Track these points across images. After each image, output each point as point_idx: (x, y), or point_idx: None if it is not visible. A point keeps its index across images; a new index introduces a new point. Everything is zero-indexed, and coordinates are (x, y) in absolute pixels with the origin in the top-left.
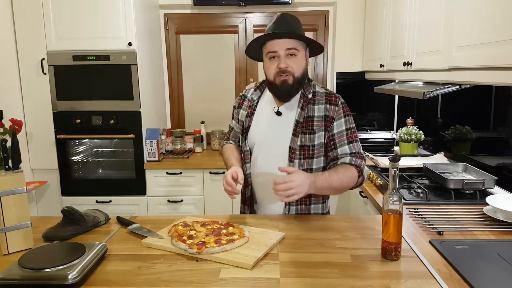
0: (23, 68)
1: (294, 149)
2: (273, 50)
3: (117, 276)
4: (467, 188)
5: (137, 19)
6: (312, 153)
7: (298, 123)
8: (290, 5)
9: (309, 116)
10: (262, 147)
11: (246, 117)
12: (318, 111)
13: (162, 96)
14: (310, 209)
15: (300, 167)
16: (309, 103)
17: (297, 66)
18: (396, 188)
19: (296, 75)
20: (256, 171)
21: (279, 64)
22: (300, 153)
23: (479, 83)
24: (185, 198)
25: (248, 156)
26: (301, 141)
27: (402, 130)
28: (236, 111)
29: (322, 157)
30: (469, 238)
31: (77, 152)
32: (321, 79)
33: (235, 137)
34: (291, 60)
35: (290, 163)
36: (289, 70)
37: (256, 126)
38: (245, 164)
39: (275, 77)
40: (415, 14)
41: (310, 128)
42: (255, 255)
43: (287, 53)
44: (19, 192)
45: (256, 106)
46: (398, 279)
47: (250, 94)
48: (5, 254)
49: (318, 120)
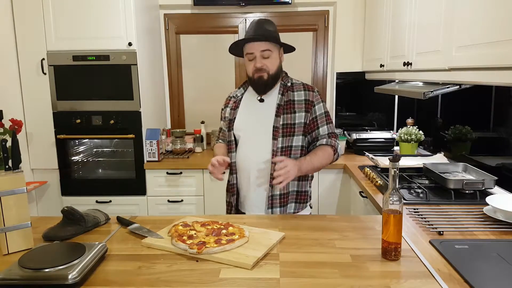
0: (23, 68)
1: (278, 128)
2: (250, 52)
3: (117, 276)
4: (467, 188)
5: (137, 19)
6: (293, 131)
7: (279, 106)
8: (290, 5)
9: (289, 100)
10: (247, 131)
11: (232, 110)
12: (298, 96)
13: (162, 96)
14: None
15: (283, 144)
16: (289, 90)
17: (272, 64)
18: (396, 188)
19: (270, 72)
20: (241, 158)
21: (256, 64)
22: (283, 131)
23: (479, 83)
24: (185, 198)
25: (233, 146)
26: (283, 120)
27: (402, 130)
28: (224, 111)
29: (301, 136)
30: (469, 238)
31: (77, 152)
32: (321, 79)
33: (224, 136)
34: (266, 60)
35: (274, 140)
36: (264, 68)
37: (240, 115)
38: (230, 153)
39: (253, 74)
40: (415, 14)
41: (291, 109)
42: (255, 255)
43: (262, 54)
44: (19, 192)
45: (240, 100)
46: (398, 279)
47: (234, 93)
48: (5, 254)
49: (299, 103)
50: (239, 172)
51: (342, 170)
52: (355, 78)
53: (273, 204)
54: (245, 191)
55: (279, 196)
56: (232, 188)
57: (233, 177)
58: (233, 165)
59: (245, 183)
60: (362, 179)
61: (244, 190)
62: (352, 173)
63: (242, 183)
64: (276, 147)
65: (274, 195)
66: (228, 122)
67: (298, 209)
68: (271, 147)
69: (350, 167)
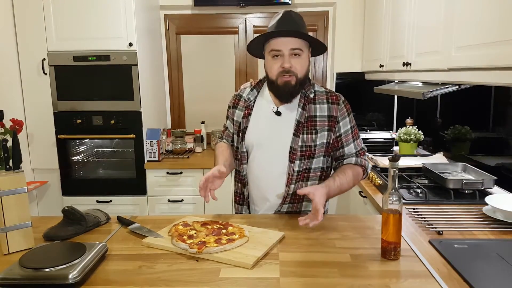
0: (24, 68)
1: (295, 150)
2: (277, 48)
3: (118, 275)
4: (467, 188)
5: (138, 20)
6: (313, 154)
7: (299, 123)
8: (290, 5)
9: (310, 115)
10: (261, 148)
11: (243, 118)
12: (320, 110)
13: (163, 96)
14: (302, 206)
15: (300, 167)
16: (310, 103)
17: (301, 67)
18: (396, 188)
19: (299, 76)
20: (254, 172)
21: (283, 64)
22: (301, 154)
23: (479, 83)
24: (185, 198)
25: (245, 157)
26: (302, 142)
27: (402, 130)
28: (231, 110)
29: (322, 157)
30: (468, 238)
31: (78, 152)
32: (321, 79)
33: (228, 137)
34: (295, 60)
35: (290, 163)
36: (292, 71)
37: (254, 127)
38: (242, 165)
39: (277, 76)
40: (415, 14)
41: (312, 128)
42: (255, 255)
43: (291, 53)
44: (20, 192)
45: (253, 106)
46: (398, 279)
47: (246, 94)
48: (6, 253)
49: (321, 120)
50: (251, 187)
51: None
52: (354, 78)
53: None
54: (256, 204)
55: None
56: (241, 201)
57: (245, 190)
58: (243, 178)
59: (256, 196)
60: None
61: (255, 203)
62: None
63: (253, 197)
64: (292, 171)
65: (288, 212)
66: (238, 130)
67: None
68: (287, 171)
69: None
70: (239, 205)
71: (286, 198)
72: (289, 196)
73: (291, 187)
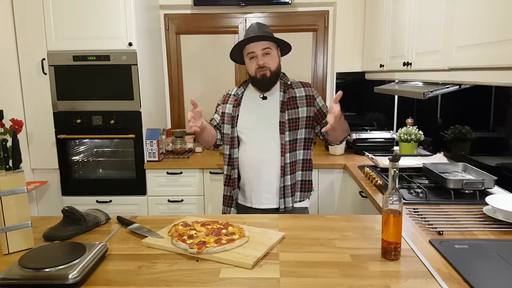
0: (23, 68)
1: (284, 123)
2: (251, 51)
3: (118, 275)
4: (467, 188)
5: (138, 19)
6: (298, 125)
7: (283, 103)
8: (290, 5)
9: (291, 96)
10: (253, 128)
11: (234, 107)
12: (299, 92)
13: (162, 96)
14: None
15: (290, 137)
16: (289, 88)
17: (272, 62)
18: (396, 188)
19: (272, 69)
20: (248, 154)
21: (258, 62)
22: (289, 125)
23: (479, 83)
24: (185, 198)
25: (236, 142)
26: (288, 116)
27: (402, 130)
28: (221, 106)
29: (304, 129)
30: (468, 238)
31: (78, 152)
32: (321, 79)
33: (212, 125)
34: (267, 57)
35: (282, 134)
36: (266, 66)
37: (244, 113)
38: (233, 149)
39: (256, 72)
40: (415, 14)
41: (294, 104)
42: (255, 255)
43: (263, 52)
44: (20, 192)
45: (241, 98)
46: (398, 279)
47: (235, 91)
48: (6, 254)
49: (300, 99)
50: (244, 168)
51: (342, 170)
52: (355, 78)
53: (285, 194)
54: (252, 185)
55: (290, 186)
56: (232, 183)
57: (234, 172)
58: (234, 161)
59: (252, 178)
60: (362, 179)
61: (250, 184)
62: (352, 173)
63: (249, 178)
64: (284, 141)
65: (286, 185)
66: (230, 119)
67: (302, 197)
68: (279, 141)
69: (350, 167)
70: (228, 187)
71: (285, 168)
72: (287, 166)
73: (287, 156)
